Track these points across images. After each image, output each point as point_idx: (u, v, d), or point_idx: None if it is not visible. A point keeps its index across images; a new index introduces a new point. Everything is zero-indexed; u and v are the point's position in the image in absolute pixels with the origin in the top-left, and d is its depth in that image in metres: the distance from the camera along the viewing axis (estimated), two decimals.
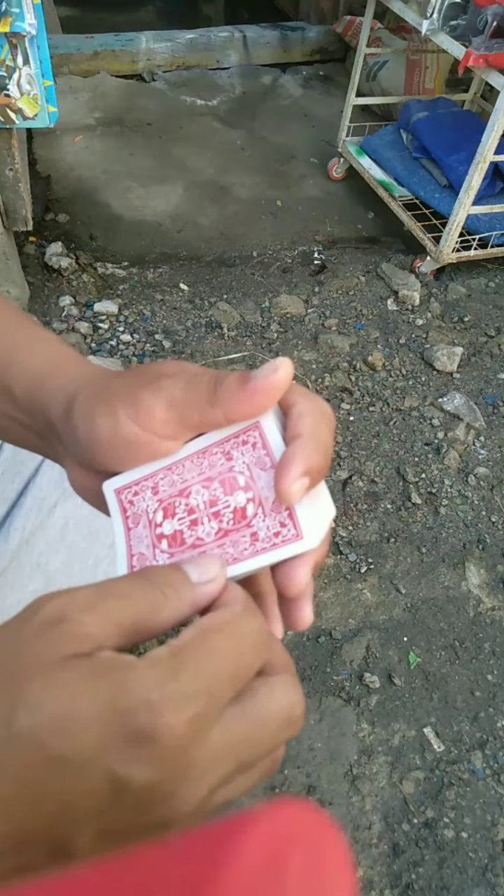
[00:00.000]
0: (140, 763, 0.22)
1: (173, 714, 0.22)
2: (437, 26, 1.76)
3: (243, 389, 0.29)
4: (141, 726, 0.22)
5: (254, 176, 2.52)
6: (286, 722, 0.26)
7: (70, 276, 1.94)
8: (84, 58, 2.81)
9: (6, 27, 1.22)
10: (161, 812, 0.23)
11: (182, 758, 0.22)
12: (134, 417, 0.30)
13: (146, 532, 0.33)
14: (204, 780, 0.23)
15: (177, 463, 0.32)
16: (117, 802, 0.22)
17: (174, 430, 0.31)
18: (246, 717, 0.25)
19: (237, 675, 0.25)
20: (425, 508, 1.58)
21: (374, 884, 1.07)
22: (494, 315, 2.09)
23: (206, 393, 0.29)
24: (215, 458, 0.32)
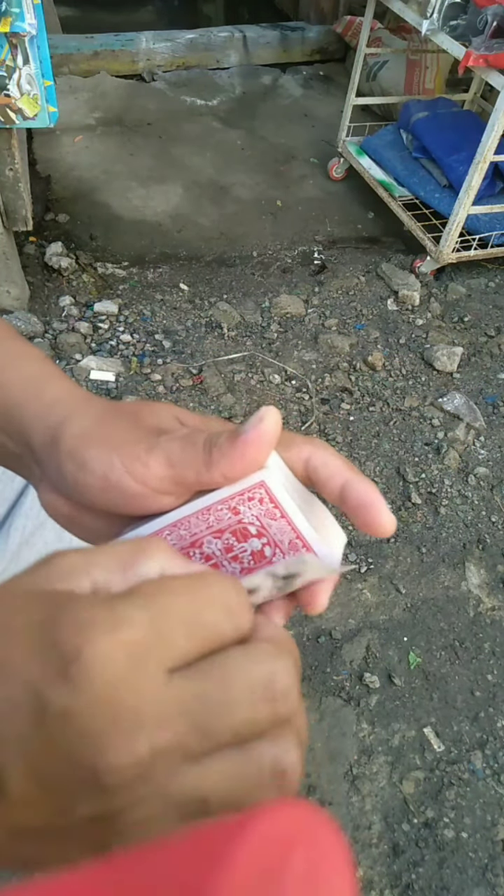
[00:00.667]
0: (61, 683, 0.19)
1: (100, 632, 0.20)
2: (437, 26, 1.76)
3: (234, 447, 0.28)
4: (64, 640, 0.20)
5: (254, 176, 2.52)
6: (262, 690, 0.22)
7: (70, 276, 1.94)
8: (84, 58, 2.81)
9: (6, 27, 1.22)
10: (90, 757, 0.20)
11: (110, 689, 0.20)
12: (129, 469, 0.29)
13: None
14: (142, 730, 0.20)
15: (181, 520, 0.32)
16: (40, 727, 0.20)
17: (171, 486, 0.30)
18: (206, 674, 0.22)
19: (196, 624, 0.22)
20: (425, 508, 1.58)
21: (374, 884, 1.07)
22: (494, 315, 2.09)
23: (203, 455, 0.29)
24: (221, 513, 0.31)
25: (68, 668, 0.19)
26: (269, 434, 0.28)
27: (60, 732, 0.19)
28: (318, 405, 1.75)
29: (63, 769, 0.20)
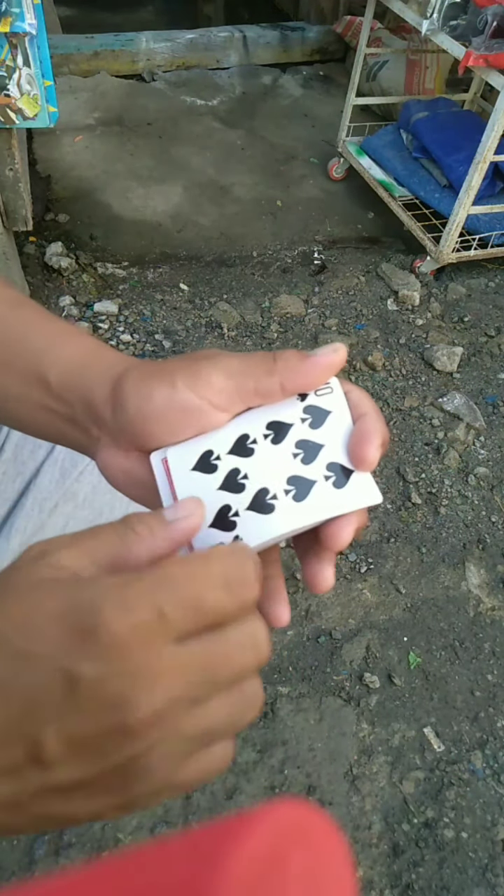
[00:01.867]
0: (86, 658, 0.23)
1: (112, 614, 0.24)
2: (437, 26, 1.76)
3: (303, 362, 0.31)
4: (83, 622, 0.24)
5: (254, 176, 2.52)
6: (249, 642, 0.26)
7: (70, 275, 1.94)
8: (84, 58, 2.81)
9: (6, 27, 1.22)
10: (117, 715, 0.24)
11: (127, 658, 0.23)
12: (191, 385, 0.31)
13: None
14: (158, 686, 0.24)
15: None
16: (72, 699, 0.23)
17: (228, 400, 0.32)
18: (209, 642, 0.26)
19: (196, 603, 0.25)
20: (425, 508, 1.58)
21: (374, 884, 1.08)
22: (494, 315, 2.09)
23: (264, 363, 0.31)
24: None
25: (90, 644, 0.23)
26: (336, 363, 0.32)
27: (90, 698, 0.23)
28: None
29: (96, 727, 0.24)
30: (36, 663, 0.24)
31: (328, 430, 0.33)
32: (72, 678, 0.23)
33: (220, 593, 0.26)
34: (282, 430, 0.33)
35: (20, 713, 0.23)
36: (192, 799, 1.12)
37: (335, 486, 0.32)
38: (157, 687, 0.24)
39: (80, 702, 0.23)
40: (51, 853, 1.04)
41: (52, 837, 1.05)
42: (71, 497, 0.61)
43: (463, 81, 2.65)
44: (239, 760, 1.16)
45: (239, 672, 0.26)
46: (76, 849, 1.05)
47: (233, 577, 0.26)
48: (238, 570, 0.27)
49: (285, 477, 0.32)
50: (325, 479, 0.32)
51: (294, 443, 0.32)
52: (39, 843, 1.04)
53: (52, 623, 0.24)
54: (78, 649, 0.23)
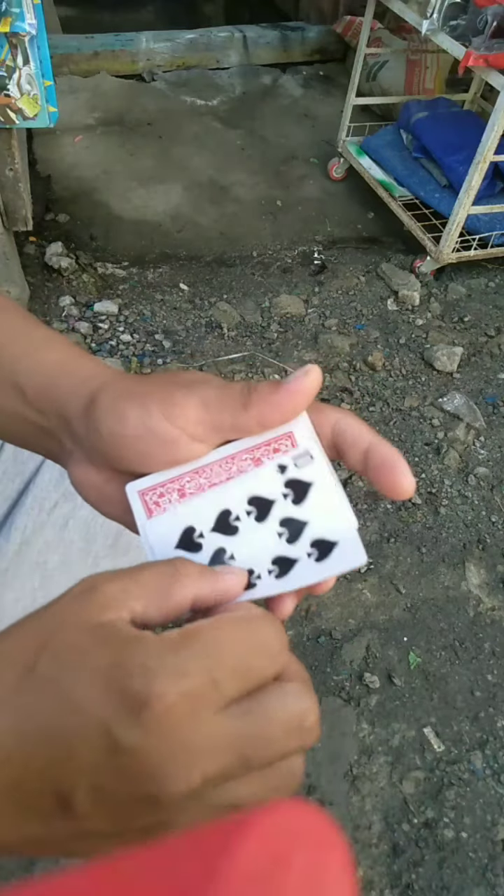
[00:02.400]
0: (131, 726, 0.23)
1: (166, 683, 0.23)
2: (437, 26, 1.76)
3: (276, 392, 0.30)
4: (135, 689, 0.23)
5: (254, 176, 2.52)
6: (297, 726, 0.26)
7: (70, 276, 1.94)
8: (84, 58, 2.80)
9: (6, 27, 1.22)
10: (152, 787, 0.23)
11: (172, 731, 0.23)
12: (166, 414, 0.30)
13: None
14: (197, 764, 0.23)
15: (203, 467, 0.32)
16: (110, 759, 0.23)
17: (204, 432, 0.31)
18: (252, 714, 0.25)
19: (245, 670, 0.25)
20: (425, 508, 1.58)
21: (374, 884, 1.07)
22: (494, 315, 2.09)
23: (240, 396, 0.30)
24: (244, 463, 0.32)
25: (139, 713, 0.23)
26: (310, 387, 0.30)
27: (127, 766, 0.23)
28: None
29: (126, 794, 0.23)
30: (82, 715, 0.23)
31: (311, 504, 0.32)
32: (114, 741, 0.23)
33: (266, 660, 0.26)
34: (264, 506, 0.32)
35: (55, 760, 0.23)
36: None
37: (317, 560, 0.32)
38: (196, 765, 0.23)
39: (117, 766, 0.23)
40: None
41: None
42: (71, 496, 0.61)
43: (463, 81, 2.65)
44: None
45: (278, 754, 0.26)
46: None
47: (274, 643, 0.27)
48: (277, 636, 0.27)
49: (270, 558, 0.32)
50: (308, 556, 0.32)
51: (278, 521, 0.32)
52: None
53: (101, 678, 0.24)
54: (125, 714, 0.23)
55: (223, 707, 0.24)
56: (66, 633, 0.25)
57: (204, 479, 0.32)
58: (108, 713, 0.23)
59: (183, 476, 0.32)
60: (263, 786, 0.26)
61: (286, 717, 0.25)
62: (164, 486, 0.32)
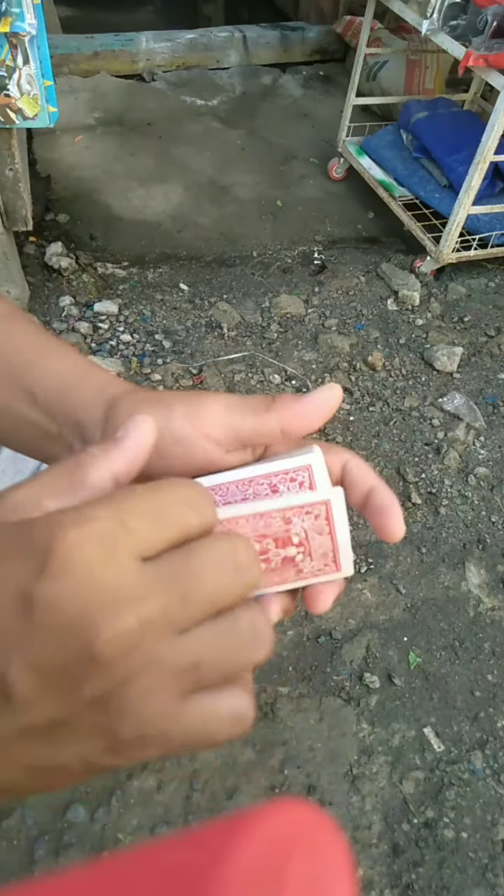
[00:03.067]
0: (41, 576, 0.21)
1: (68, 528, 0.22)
2: (437, 26, 1.76)
3: (299, 402, 0.31)
4: (37, 540, 0.22)
5: (254, 176, 2.52)
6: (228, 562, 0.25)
7: (70, 276, 1.94)
8: (84, 58, 2.81)
9: (6, 27, 1.22)
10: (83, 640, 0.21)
11: (85, 574, 0.21)
12: (188, 415, 0.31)
13: None
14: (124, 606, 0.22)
15: (220, 485, 0.32)
16: (31, 623, 0.21)
17: (225, 435, 0.31)
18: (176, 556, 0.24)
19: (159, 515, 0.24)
20: (425, 508, 1.58)
21: (374, 884, 1.08)
22: (494, 315, 2.09)
23: (263, 402, 0.31)
24: (261, 487, 0.32)
25: (46, 563, 0.21)
26: (332, 402, 0.31)
27: (51, 622, 0.21)
28: None
29: (60, 655, 0.21)
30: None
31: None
32: (27, 600, 0.21)
33: (183, 508, 0.25)
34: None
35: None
36: (192, 799, 1.12)
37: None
38: (122, 605, 0.21)
39: (39, 626, 0.21)
40: (51, 853, 1.04)
41: (52, 837, 1.05)
42: None
43: (463, 81, 2.65)
44: (239, 760, 1.16)
45: (218, 592, 0.24)
46: (76, 849, 1.05)
47: (193, 496, 0.25)
48: (196, 492, 0.26)
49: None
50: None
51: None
52: (39, 843, 1.04)
53: (10, 546, 0.22)
54: (32, 568, 0.21)
55: (142, 554, 0.23)
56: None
57: (219, 497, 0.32)
58: (15, 574, 0.22)
59: None
60: (222, 638, 0.24)
61: (214, 554, 0.24)
62: None
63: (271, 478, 0.32)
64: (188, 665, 0.23)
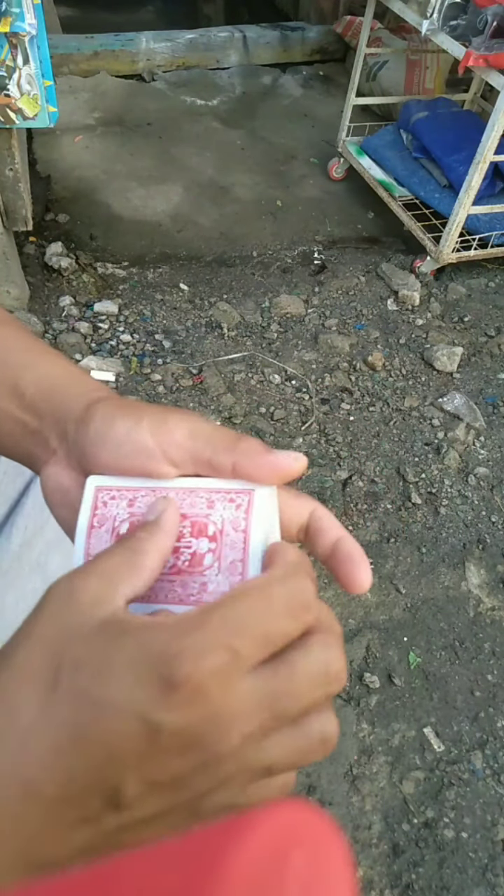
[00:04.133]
0: (166, 709, 0.24)
1: (190, 665, 0.24)
2: (437, 26, 1.76)
3: (261, 454, 0.32)
4: (163, 676, 0.24)
5: (254, 176, 2.52)
6: (322, 675, 0.27)
7: (70, 276, 1.94)
8: (84, 58, 2.81)
9: (6, 27, 1.22)
10: (200, 759, 0.25)
11: (206, 705, 0.24)
12: (154, 429, 0.32)
13: (107, 537, 0.33)
14: (234, 727, 0.25)
15: (161, 489, 0.33)
16: (153, 746, 0.24)
17: (181, 458, 0.32)
18: (278, 672, 0.26)
19: (265, 635, 0.26)
20: (425, 508, 1.58)
21: (374, 883, 1.08)
22: (494, 315, 2.09)
23: (229, 440, 0.32)
24: (199, 500, 0.32)
25: (170, 697, 0.24)
26: (293, 471, 0.32)
27: (171, 746, 0.24)
28: (318, 405, 1.75)
29: (174, 771, 0.25)
30: (114, 713, 0.24)
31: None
32: (154, 728, 0.24)
33: (286, 622, 0.27)
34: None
35: (100, 763, 0.24)
36: None
37: None
38: (234, 727, 0.25)
39: (161, 749, 0.24)
40: None
41: None
42: None
43: (463, 81, 2.66)
44: None
45: (308, 706, 0.27)
46: None
47: (295, 602, 0.27)
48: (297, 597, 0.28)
49: None
50: None
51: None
52: None
53: (127, 672, 0.25)
54: (158, 699, 0.24)
55: (250, 670, 0.26)
56: (76, 644, 0.26)
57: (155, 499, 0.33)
58: (142, 704, 0.24)
59: (140, 489, 0.33)
60: (294, 744, 0.27)
61: (310, 669, 0.27)
62: (119, 491, 0.33)
63: (211, 493, 0.32)
64: (264, 767, 0.27)
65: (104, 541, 0.33)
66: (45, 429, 0.36)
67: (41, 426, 0.36)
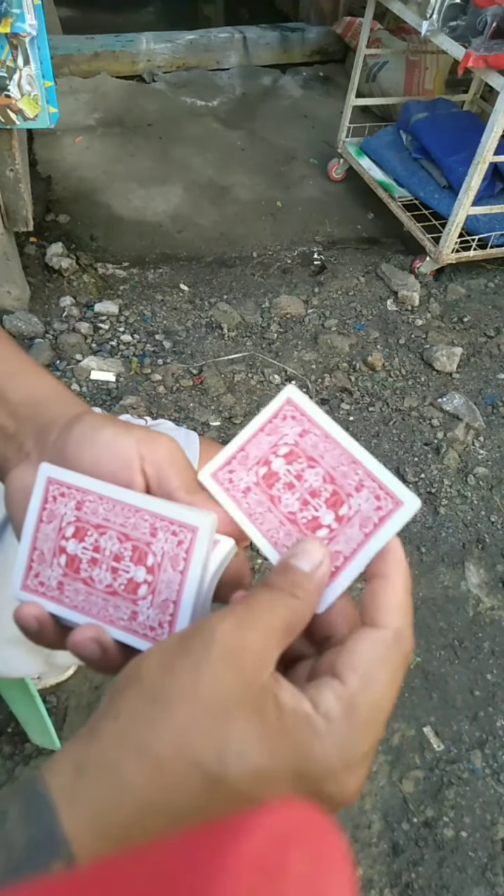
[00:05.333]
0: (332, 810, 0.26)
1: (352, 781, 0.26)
2: (436, 27, 1.76)
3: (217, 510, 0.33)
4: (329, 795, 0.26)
5: (254, 177, 2.52)
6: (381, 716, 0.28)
7: (70, 276, 1.94)
8: (84, 58, 2.81)
9: (7, 28, 1.22)
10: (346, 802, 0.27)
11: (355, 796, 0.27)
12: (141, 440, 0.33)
13: (54, 535, 0.33)
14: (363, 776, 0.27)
15: (111, 499, 0.32)
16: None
17: (151, 476, 0.33)
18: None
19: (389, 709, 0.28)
20: (425, 508, 1.59)
21: (373, 883, 1.08)
22: (494, 315, 2.09)
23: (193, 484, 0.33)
24: (143, 524, 0.32)
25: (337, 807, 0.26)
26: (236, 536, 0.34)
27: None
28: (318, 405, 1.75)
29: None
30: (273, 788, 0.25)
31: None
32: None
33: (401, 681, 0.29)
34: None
35: None
36: None
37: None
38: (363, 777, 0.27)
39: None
40: None
41: None
42: None
43: (462, 82, 2.66)
44: None
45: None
46: None
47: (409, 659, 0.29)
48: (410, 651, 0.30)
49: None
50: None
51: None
52: None
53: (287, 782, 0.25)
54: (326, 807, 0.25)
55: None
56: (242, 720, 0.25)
57: (103, 509, 0.32)
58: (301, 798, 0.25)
59: (90, 492, 0.33)
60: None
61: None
62: (70, 489, 0.33)
63: (156, 520, 0.32)
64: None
65: (50, 539, 0.33)
66: (22, 434, 0.37)
67: (18, 430, 0.37)
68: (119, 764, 0.23)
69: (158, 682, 0.25)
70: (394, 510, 0.32)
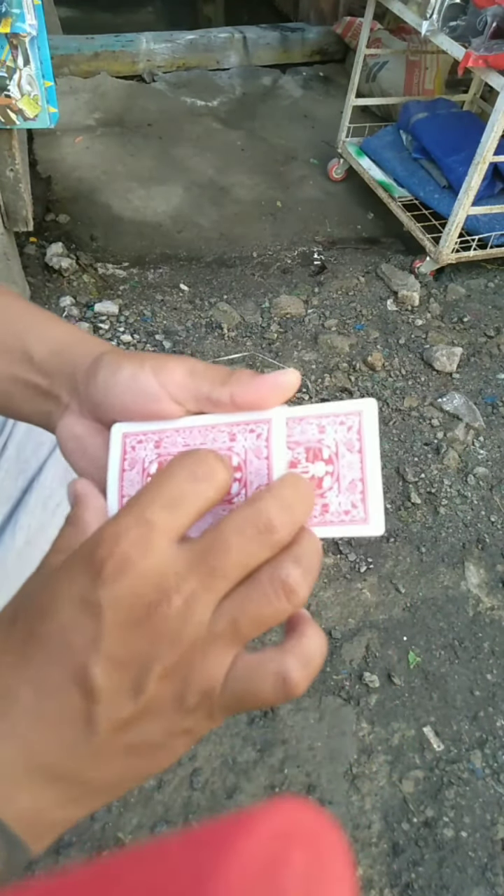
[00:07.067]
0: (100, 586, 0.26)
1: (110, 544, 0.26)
2: (436, 27, 1.76)
3: (253, 380, 0.33)
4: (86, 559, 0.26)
5: (254, 177, 2.52)
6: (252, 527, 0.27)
7: (70, 276, 1.94)
8: (84, 59, 2.81)
9: (7, 28, 1.22)
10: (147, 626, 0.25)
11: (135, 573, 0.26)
12: (156, 372, 0.34)
13: (139, 478, 0.35)
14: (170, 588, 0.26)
15: (185, 428, 0.34)
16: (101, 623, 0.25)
17: (184, 396, 0.34)
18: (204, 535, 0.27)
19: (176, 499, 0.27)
20: (425, 508, 1.59)
21: (373, 883, 1.08)
22: (494, 315, 2.09)
23: (222, 374, 0.34)
24: (221, 434, 0.34)
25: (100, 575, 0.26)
26: (287, 385, 0.33)
27: (115, 619, 0.25)
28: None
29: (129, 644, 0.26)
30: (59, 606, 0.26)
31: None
32: (94, 606, 0.25)
33: (191, 484, 0.28)
34: None
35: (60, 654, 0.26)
36: (192, 798, 1.12)
37: None
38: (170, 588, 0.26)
39: (107, 624, 0.25)
40: (51, 853, 1.04)
41: None
42: None
43: (462, 82, 2.66)
44: (239, 759, 1.17)
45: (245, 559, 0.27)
46: (76, 848, 1.05)
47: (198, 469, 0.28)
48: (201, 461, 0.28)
49: None
50: None
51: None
52: None
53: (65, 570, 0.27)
54: (92, 580, 0.26)
55: (175, 537, 0.27)
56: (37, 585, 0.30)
57: (181, 439, 0.34)
58: (78, 590, 0.26)
59: (165, 431, 0.35)
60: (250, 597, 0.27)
61: (237, 523, 0.27)
62: (145, 435, 0.35)
63: (231, 426, 0.34)
64: (228, 623, 0.27)
65: (136, 483, 0.35)
66: (56, 386, 0.38)
67: (52, 385, 0.38)
68: None
69: None
70: (270, 426, 0.33)
